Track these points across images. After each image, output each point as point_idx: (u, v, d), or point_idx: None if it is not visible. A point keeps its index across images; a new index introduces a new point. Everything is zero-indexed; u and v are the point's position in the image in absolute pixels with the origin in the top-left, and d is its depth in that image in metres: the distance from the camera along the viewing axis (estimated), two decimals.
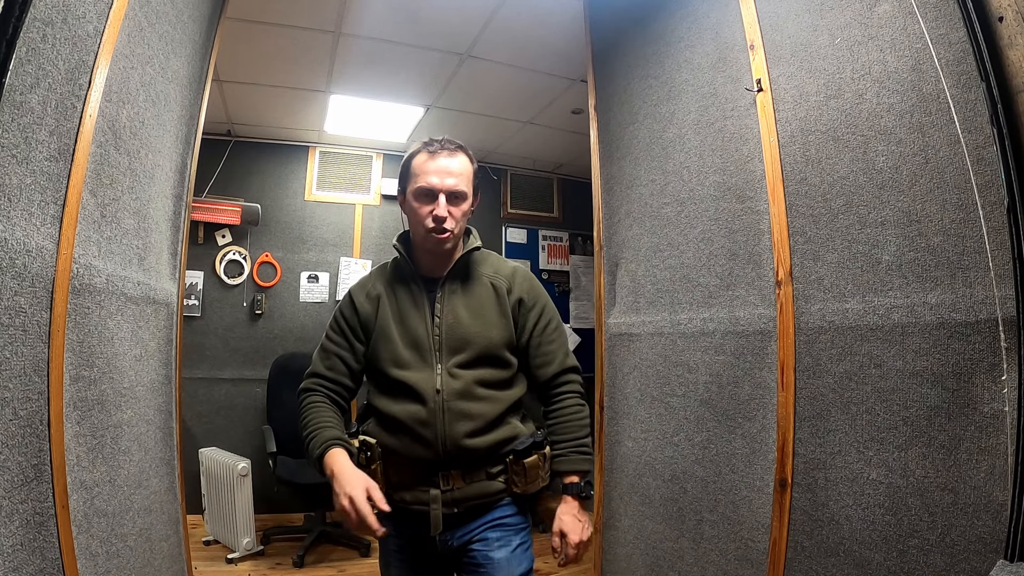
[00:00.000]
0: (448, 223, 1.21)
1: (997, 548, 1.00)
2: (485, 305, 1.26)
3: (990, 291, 1.04)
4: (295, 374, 3.48)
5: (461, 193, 1.23)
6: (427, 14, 2.49)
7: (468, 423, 1.19)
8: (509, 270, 1.33)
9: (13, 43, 0.86)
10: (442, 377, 1.21)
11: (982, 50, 1.02)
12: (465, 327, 1.23)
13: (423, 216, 1.22)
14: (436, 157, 1.22)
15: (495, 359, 1.24)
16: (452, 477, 1.21)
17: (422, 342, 1.23)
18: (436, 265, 1.29)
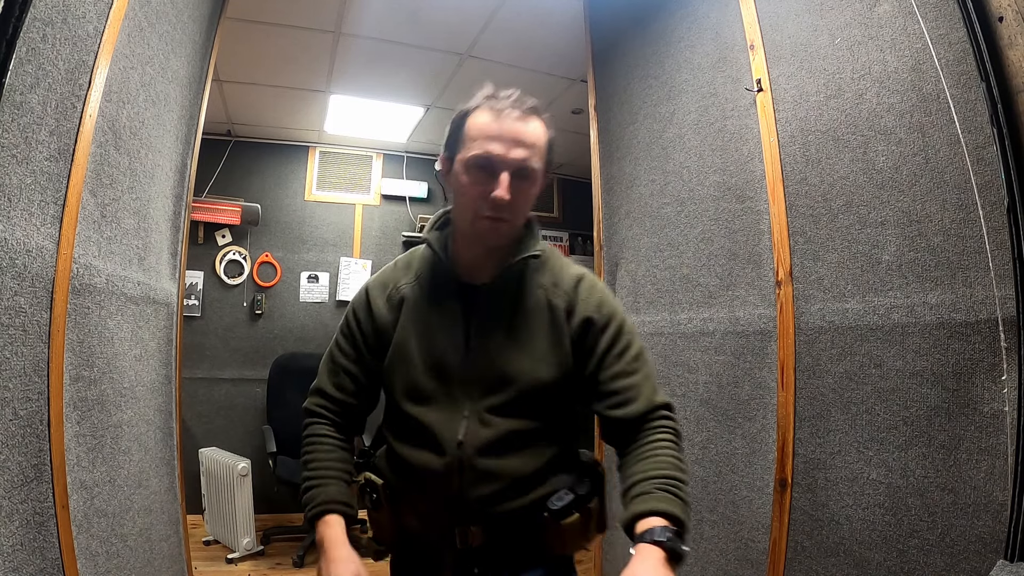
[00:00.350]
0: (507, 211, 0.90)
1: (997, 548, 1.00)
2: (536, 331, 0.95)
3: (990, 291, 1.04)
4: (295, 374, 3.49)
5: (531, 172, 0.91)
6: (427, 14, 2.49)
7: (493, 485, 0.92)
8: (571, 281, 0.99)
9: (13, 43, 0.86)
10: (468, 423, 0.92)
11: (982, 50, 1.02)
12: (507, 359, 0.94)
13: (476, 196, 0.90)
14: (503, 119, 0.89)
15: (541, 403, 0.95)
16: (472, 534, 0.94)
17: (450, 372, 0.95)
18: (480, 266, 0.97)
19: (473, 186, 0.90)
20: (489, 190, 0.89)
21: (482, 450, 0.92)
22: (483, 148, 0.89)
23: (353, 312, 1.07)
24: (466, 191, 0.92)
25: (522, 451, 0.94)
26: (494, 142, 0.89)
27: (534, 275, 0.99)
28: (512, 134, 0.89)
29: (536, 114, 0.93)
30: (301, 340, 3.81)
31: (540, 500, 0.95)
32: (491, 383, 0.94)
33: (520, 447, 0.93)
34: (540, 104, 0.94)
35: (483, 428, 0.92)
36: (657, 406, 0.93)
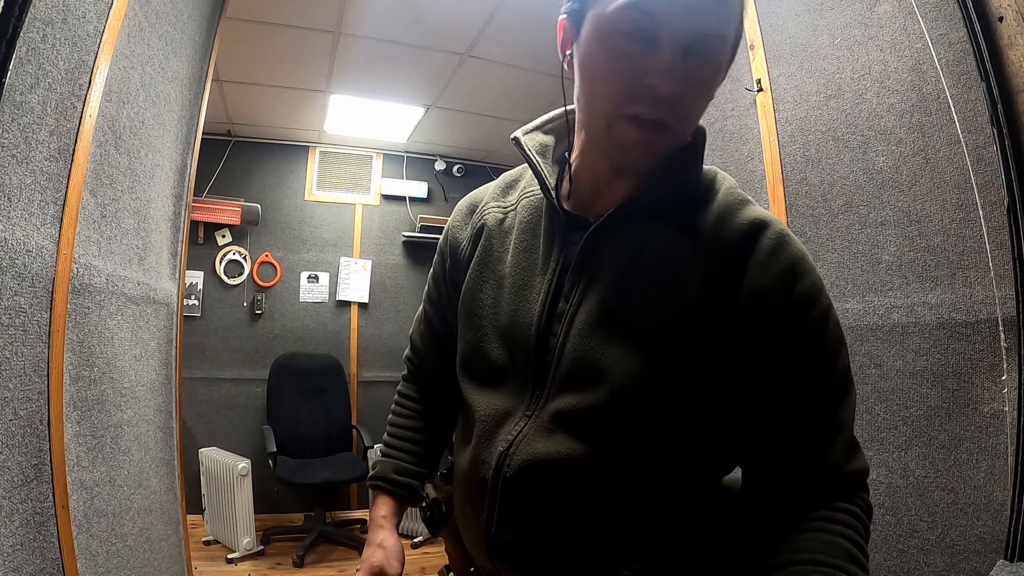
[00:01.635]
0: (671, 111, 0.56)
1: (997, 548, 1.00)
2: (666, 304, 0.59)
3: (990, 291, 1.04)
4: (295, 374, 3.49)
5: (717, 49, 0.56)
6: (427, 14, 2.49)
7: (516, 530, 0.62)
8: (743, 225, 0.60)
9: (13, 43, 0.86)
10: (527, 427, 0.62)
11: (982, 50, 1.02)
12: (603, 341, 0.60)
13: (622, 80, 0.56)
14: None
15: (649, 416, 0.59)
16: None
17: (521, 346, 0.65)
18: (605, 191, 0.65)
19: (618, 64, 0.56)
20: (645, 70, 0.55)
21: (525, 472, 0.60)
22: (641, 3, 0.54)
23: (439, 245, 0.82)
24: (605, 73, 0.58)
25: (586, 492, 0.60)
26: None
27: (686, 212, 0.62)
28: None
29: None
30: (301, 340, 3.81)
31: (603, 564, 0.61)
32: (574, 373, 0.61)
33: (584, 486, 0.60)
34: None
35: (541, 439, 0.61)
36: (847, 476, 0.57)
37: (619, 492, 0.60)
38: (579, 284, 0.63)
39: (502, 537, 0.63)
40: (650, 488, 0.61)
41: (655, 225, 0.61)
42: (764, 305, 0.56)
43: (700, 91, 0.58)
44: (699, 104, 0.59)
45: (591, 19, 0.58)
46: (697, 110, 0.60)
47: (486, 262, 0.70)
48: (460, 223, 0.77)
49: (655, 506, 0.61)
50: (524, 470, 0.60)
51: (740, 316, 0.57)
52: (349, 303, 3.95)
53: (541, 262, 0.66)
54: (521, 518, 0.61)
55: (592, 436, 0.59)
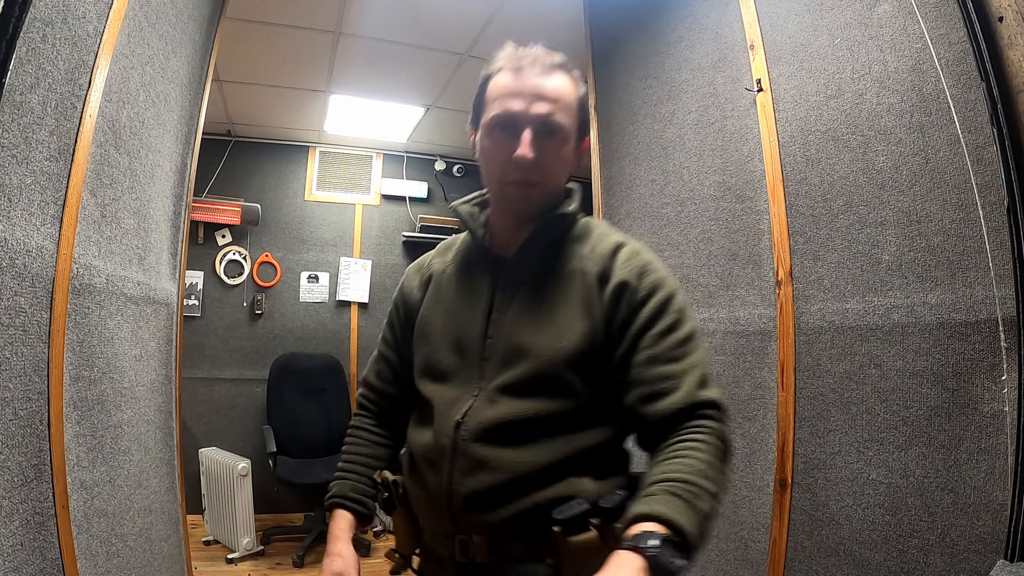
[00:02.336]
0: (534, 172, 0.82)
1: (997, 548, 1.00)
2: (562, 301, 0.83)
3: (990, 291, 1.04)
4: (295, 374, 3.49)
5: (556, 126, 0.82)
6: (427, 14, 2.49)
7: (486, 476, 0.77)
8: (610, 246, 0.87)
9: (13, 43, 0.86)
10: (475, 402, 0.82)
11: (982, 50, 1.02)
12: (524, 330, 0.83)
13: (500, 158, 0.83)
14: (522, 75, 0.82)
15: (558, 384, 0.80)
16: (472, 546, 0.79)
17: (469, 346, 0.86)
18: (512, 238, 0.89)
19: (497, 149, 0.84)
20: (512, 151, 0.81)
21: (480, 433, 0.79)
22: (502, 106, 0.82)
23: (394, 299, 1.03)
24: (490, 156, 0.86)
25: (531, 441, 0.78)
26: (514, 99, 0.82)
27: (571, 245, 0.88)
28: (533, 89, 0.82)
29: (563, 69, 0.85)
30: (301, 340, 3.81)
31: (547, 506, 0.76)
32: (506, 357, 0.83)
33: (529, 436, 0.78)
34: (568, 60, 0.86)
35: (488, 408, 0.80)
36: (700, 403, 0.75)
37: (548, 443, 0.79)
38: (506, 297, 0.87)
39: (460, 489, 0.79)
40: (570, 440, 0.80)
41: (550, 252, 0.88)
42: (626, 288, 0.82)
43: (553, 156, 0.84)
44: (556, 164, 0.85)
45: (481, 125, 0.87)
46: (555, 168, 0.85)
47: (436, 298, 0.94)
48: (412, 276, 1.01)
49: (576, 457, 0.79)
50: (476, 431, 0.80)
51: (610, 301, 0.82)
52: (349, 303, 3.95)
53: (476, 288, 0.90)
54: (475, 470, 0.78)
55: (526, 397, 0.80)
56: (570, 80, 0.86)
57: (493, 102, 0.85)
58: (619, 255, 0.85)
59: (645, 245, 0.89)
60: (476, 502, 0.78)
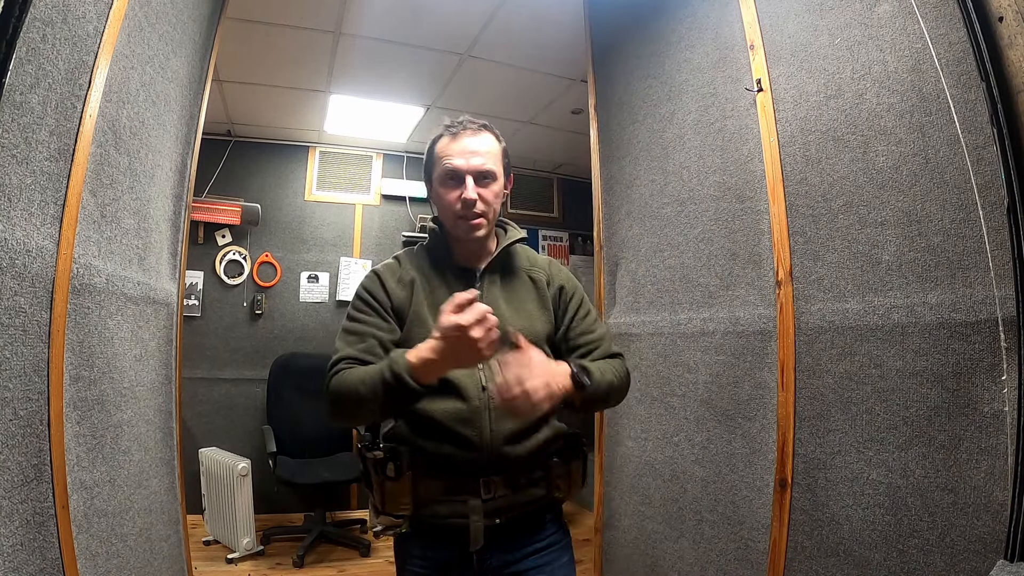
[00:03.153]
0: (479, 206, 1.11)
1: (997, 548, 1.00)
2: (525, 299, 1.18)
3: (990, 291, 1.04)
4: (295, 374, 3.49)
5: (489, 172, 1.13)
6: (427, 14, 2.49)
7: (514, 421, 1.07)
8: (545, 261, 1.27)
9: (13, 43, 0.86)
10: (485, 372, 1.08)
11: (982, 50, 1.02)
12: (507, 321, 1.11)
13: (451, 201, 1.12)
14: (459, 138, 1.13)
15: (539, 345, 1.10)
16: (494, 484, 1.07)
17: None
18: (472, 255, 1.19)
19: (447, 194, 1.13)
20: (460, 194, 1.11)
21: None
22: (448, 163, 1.12)
23: (368, 293, 1.16)
24: (444, 199, 1.14)
25: None
26: (455, 157, 1.12)
27: (515, 259, 1.24)
28: (468, 148, 1.12)
29: (487, 130, 1.17)
30: (301, 340, 3.81)
31: (546, 443, 1.12)
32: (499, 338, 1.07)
33: None
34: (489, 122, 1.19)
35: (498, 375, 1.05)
36: (614, 354, 1.21)
37: None
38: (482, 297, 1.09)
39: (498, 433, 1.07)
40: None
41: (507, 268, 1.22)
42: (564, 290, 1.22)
43: (491, 195, 1.14)
44: (492, 202, 1.14)
45: (434, 179, 1.17)
46: (494, 203, 1.15)
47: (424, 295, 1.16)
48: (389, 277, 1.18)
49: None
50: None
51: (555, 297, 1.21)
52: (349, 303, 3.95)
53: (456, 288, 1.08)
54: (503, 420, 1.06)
55: None
56: (494, 137, 1.17)
57: (440, 160, 1.14)
58: (552, 267, 1.26)
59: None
60: (510, 440, 1.07)
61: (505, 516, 1.08)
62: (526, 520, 1.12)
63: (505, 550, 1.10)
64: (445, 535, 1.08)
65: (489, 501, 1.06)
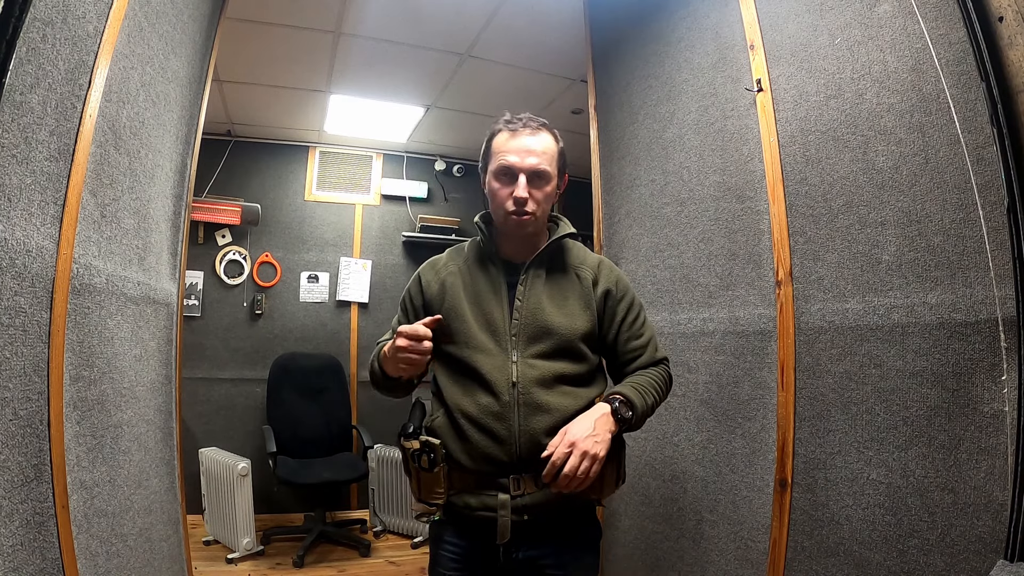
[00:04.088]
0: (529, 205, 1.13)
1: (997, 548, 1.00)
2: (569, 295, 1.18)
3: (990, 291, 1.04)
4: (295, 374, 3.49)
5: (544, 173, 1.14)
6: (427, 14, 2.49)
7: (546, 417, 1.09)
8: (595, 260, 1.25)
9: (13, 43, 0.86)
10: (518, 367, 1.11)
11: (982, 50, 1.02)
12: (548, 315, 1.14)
13: (503, 198, 1.14)
14: (517, 135, 1.14)
15: (576, 353, 1.15)
16: (524, 481, 1.09)
17: (498, 326, 1.14)
18: (519, 250, 1.21)
19: (500, 190, 1.15)
20: (511, 191, 1.13)
21: (533, 384, 1.10)
22: (504, 159, 1.14)
23: (408, 291, 1.28)
24: (496, 195, 1.16)
25: (565, 391, 1.12)
26: (511, 154, 1.14)
27: (564, 255, 1.23)
28: (525, 146, 1.14)
29: (547, 129, 1.18)
30: (301, 340, 3.81)
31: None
32: (535, 334, 1.13)
33: (562, 387, 1.12)
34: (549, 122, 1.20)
35: (530, 370, 1.11)
36: (658, 360, 1.23)
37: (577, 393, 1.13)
38: (525, 290, 1.17)
39: (528, 428, 1.09)
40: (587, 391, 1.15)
41: (554, 263, 1.22)
42: (611, 294, 1.21)
43: (542, 194, 1.16)
44: (545, 200, 1.16)
45: (488, 172, 1.18)
46: (545, 203, 1.17)
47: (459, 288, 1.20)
48: (429, 273, 1.25)
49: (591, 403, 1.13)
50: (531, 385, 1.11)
51: (600, 299, 1.20)
52: (349, 303, 3.95)
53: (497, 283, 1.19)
54: (537, 412, 1.10)
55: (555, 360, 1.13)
56: (553, 138, 1.18)
57: (497, 155, 1.16)
58: (602, 267, 1.24)
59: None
60: (542, 432, 1.08)
61: (533, 513, 1.09)
62: (556, 518, 1.13)
63: (532, 546, 1.12)
64: (474, 526, 1.12)
65: (518, 497, 1.09)
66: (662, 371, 1.21)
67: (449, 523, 1.18)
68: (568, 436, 1.02)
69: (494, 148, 1.17)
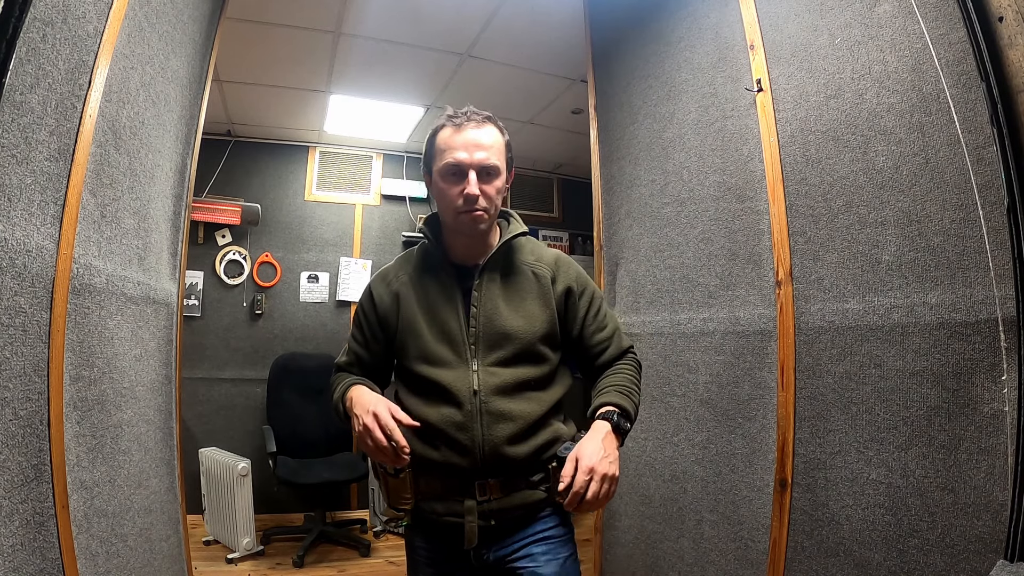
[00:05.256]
0: (481, 202, 1.08)
1: (997, 548, 1.00)
2: (527, 296, 1.14)
3: (990, 291, 1.04)
4: (295, 374, 3.49)
5: (493, 168, 1.09)
6: (427, 14, 2.49)
7: (509, 425, 1.06)
8: (551, 257, 1.20)
9: (13, 43, 0.86)
10: (479, 375, 1.08)
11: (982, 50, 1.02)
12: (505, 320, 1.10)
13: (453, 196, 1.09)
14: (462, 130, 1.09)
15: (536, 356, 1.12)
16: (489, 487, 1.07)
17: (455, 336, 1.11)
18: (470, 251, 1.16)
19: (449, 189, 1.10)
20: (462, 189, 1.08)
21: (494, 393, 1.07)
22: (452, 156, 1.08)
23: (360, 305, 1.23)
24: (445, 194, 1.11)
25: (528, 397, 1.10)
26: (459, 150, 1.08)
27: (518, 254, 1.18)
28: (472, 142, 1.09)
29: (491, 122, 1.13)
30: (301, 340, 3.81)
31: (547, 444, 1.10)
32: (494, 341, 1.10)
33: (525, 393, 1.10)
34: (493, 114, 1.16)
35: (491, 378, 1.08)
36: (624, 350, 1.21)
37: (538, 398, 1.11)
38: (480, 295, 1.13)
39: (491, 437, 1.06)
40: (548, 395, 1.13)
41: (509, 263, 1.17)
42: (571, 291, 1.17)
43: (493, 189, 1.11)
44: (496, 195, 1.12)
45: (435, 172, 1.13)
46: (496, 198, 1.12)
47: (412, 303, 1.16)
48: (380, 286, 1.20)
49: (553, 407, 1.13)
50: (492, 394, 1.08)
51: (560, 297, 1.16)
52: (349, 303, 3.95)
53: (450, 291, 1.14)
54: (500, 421, 1.07)
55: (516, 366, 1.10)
56: (498, 130, 1.13)
57: (443, 152, 1.10)
58: (559, 264, 1.19)
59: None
60: (505, 441, 1.06)
61: (500, 518, 1.09)
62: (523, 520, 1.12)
63: (501, 546, 1.11)
64: (442, 531, 1.12)
65: (484, 503, 1.07)
66: (632, 362, 1.19)
67: (419, 528, 1.17)
68: (584, 462, 0.97)
69: (439, 145, 1.11)
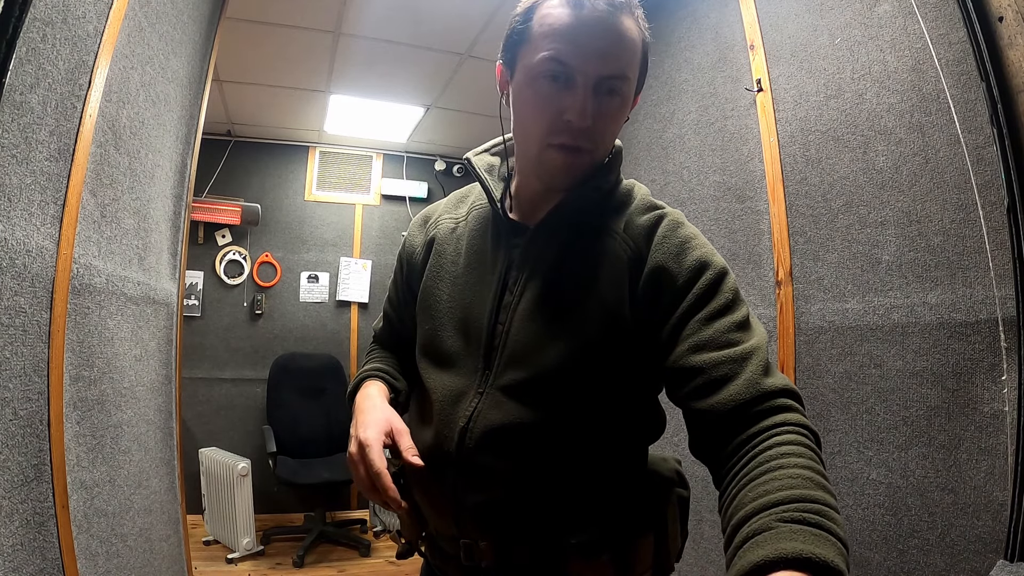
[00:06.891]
0: (586, 138, 0.68)
1: (997, 548, 1.00)
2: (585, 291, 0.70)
3: (990, 291, 1.04)
4: (295, 374, 3.49)
5: (620, 83, 0.67)
6: (427, 14, 2.49)
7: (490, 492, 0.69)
8: (646, 224, 0.72)
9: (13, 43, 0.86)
10: (480, 403, 0.70)
11: (982, 50, 1.02)
12: (537, 324, 0.70)
13: (545, 116, 0.68)
14: (585, 13, 0.65)
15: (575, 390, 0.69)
16: (478, 550, 0.72)
17: (475, 330, 0.74)
18: (541, 204, 0.76)
19: (542, 102, 0.67)
20: (563, 108, 0.66)
21: (486, 442, 0.69)
22: (556, 50, 0.65)
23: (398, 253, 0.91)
24: (533, 110, 0.69)
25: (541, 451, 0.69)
26: (571, 44, 0.65)
27: (604, 219, 0.73)
28: (597, 35, 0.65)
29: (628, 11, 0.67)
30: (301, 340, 3.81)
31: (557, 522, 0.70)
32: (516, 353, 0.70)
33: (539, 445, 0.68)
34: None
35: (494, 411, 0.69)
36: (769, 392, 0.59)
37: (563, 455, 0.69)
38: (521, 278, 0.73)
39: (466, 501, 0.70)
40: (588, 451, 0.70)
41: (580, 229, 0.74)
42: (663, 274, 0.68)
43: (609, 120, 0.69)
44: (610, 130, 0.70)
45: (521, 68, 0.70)
46: (609, 135, 0.71)
47: (441, 264, 0.80)
48: (415, 233, 0.88)
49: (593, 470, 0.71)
50: (483, 439, 0.69)
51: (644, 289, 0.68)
52: (349, 303, 3.95)
53: (490, 261, 0.76)
54: (481, 482, 0.69)
55: (537, 403, 0.69)
56: (636, 26, 0.68)
57: (543, 40, 0.66)
58: (656, 233, 0.70)
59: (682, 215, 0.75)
60: (482, 514, 0.70)
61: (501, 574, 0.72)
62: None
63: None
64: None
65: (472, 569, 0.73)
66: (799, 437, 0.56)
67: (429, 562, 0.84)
68: None
69: (539, 27, 0.67)
